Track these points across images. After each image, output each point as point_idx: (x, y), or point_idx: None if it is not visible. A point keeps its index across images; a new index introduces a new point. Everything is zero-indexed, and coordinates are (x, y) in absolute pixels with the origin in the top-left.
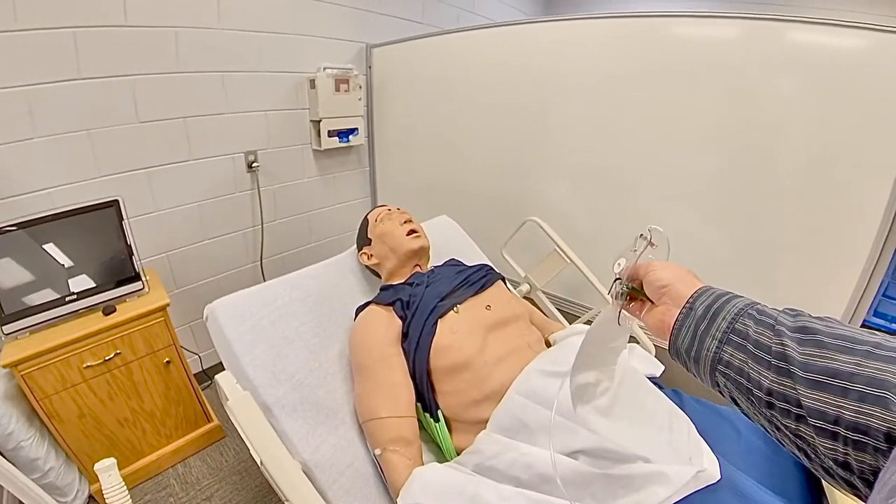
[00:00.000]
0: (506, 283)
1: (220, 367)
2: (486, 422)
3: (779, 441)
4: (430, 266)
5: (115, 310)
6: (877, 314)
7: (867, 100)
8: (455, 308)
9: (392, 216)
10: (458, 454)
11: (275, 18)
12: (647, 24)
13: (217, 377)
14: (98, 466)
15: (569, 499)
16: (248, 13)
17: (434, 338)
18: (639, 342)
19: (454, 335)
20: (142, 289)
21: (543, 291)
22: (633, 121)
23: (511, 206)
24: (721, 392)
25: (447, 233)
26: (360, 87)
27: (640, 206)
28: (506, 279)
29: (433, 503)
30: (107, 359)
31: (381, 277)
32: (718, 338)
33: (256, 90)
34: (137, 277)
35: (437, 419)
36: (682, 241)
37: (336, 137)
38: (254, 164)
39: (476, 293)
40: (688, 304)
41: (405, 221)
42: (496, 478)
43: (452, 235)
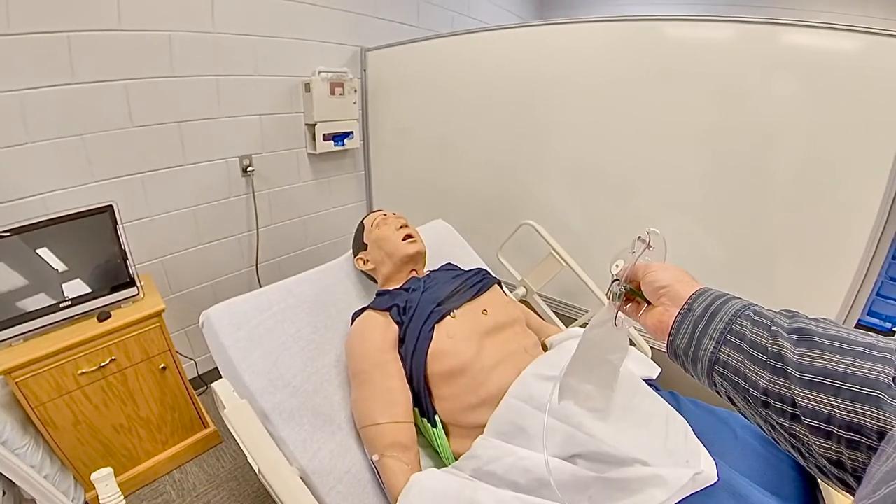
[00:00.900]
0: (502, 288)
1: (216, 372)
2: (484, 426)
3: (774, 440)
4: (427, 271)
5: (110, 316)
6: (871, 313)
7: (860, 102)
8: (452, 313)
9: (388, 221)
10: (456, 459)
11: (269, 22)
12: (642, 28)
13: (213, 385)
14: (95, 476)
15: (565, 503)
16: (243, 17)
17: (431, 343)
18: (635, 345)
19: (451, 340)
20: (136, 294)
21: (540, 294)
22: (628, 124)
23: (506, 210)
24: (718, 392)
25: (443, 237)
26: (355, 91)
27: (636, 208)
28: (502, 283)
29: None
30: (102, 365)
31: (378, 282)
32: (716, 338)
33: (251, 94)
34: (132, 283)
35: (435, 424)
36: (678, 243)
37: (331, 141)
38: (249, 169)
39: (472, 298)
40: (686, 305)
41: (401, 226)
42: (494, 482)
43: (448, 239)
